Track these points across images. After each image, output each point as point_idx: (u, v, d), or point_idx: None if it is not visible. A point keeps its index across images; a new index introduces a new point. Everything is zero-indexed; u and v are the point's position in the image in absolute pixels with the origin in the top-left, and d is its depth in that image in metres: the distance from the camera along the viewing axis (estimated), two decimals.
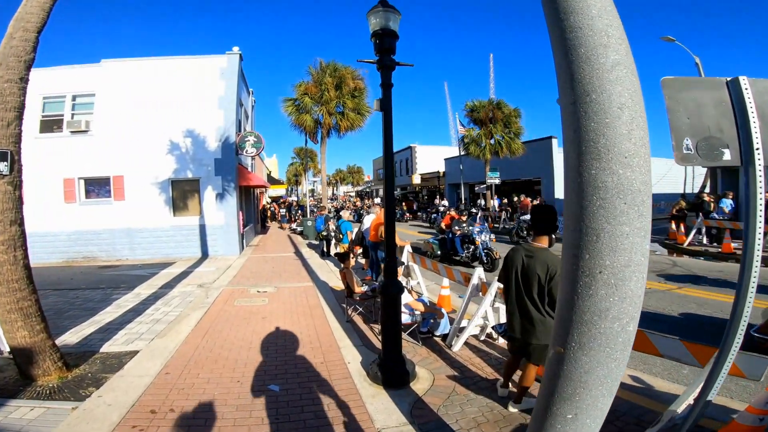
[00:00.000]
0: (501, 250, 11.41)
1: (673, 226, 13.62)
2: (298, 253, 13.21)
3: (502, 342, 4.80)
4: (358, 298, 5.89)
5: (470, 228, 10.32)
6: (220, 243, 12.71)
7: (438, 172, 34.98)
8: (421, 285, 7.42)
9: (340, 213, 10.21)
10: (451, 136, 64.99)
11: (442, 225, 12.98)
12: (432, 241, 11.39)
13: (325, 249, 12.27)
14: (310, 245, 15.15)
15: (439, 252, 10.87)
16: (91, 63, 13.18)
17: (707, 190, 16.89)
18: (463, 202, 26.96)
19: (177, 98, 12.93)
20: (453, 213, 11.58)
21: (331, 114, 16.74)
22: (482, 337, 5.01)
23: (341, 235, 9.46)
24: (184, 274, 9.84)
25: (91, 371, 4.29)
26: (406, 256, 7.28)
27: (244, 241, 14.30)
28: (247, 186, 15.74)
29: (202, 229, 12.61)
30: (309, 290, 7.97)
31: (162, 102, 12.86)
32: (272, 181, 31.34)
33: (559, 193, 22.13)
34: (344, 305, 6.40)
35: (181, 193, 12.91)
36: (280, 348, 4.92)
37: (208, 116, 13.00)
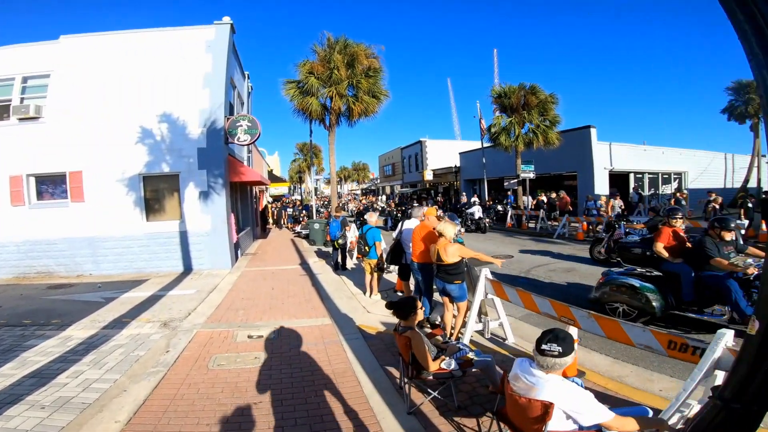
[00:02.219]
0: (558, 265, 8.55)
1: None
2: (305, 265, 10.52)
3: None
4: (431, 378, 3.21)
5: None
6: (205, 254, 10.04)
7: (452, 167, 32.21)
8: (505, 327, 4.75)
9: (365, 216, 7.42)
10: (455, 132, 62.48)
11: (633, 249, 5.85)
12: (640, 285, 5.02)
13: (339, 261, 9.58)
14: (319, 253, 12.46)
15: (657, 304, 4.89)
16: (48, 40, 10.62)
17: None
18: (480, 198, 24.21)
19: (151, 77, 10.29)
20: (676, 225, 5.35)
21: (342, 96, 14.01)
22: None
23: (367, 247, 6.75)
24: (150, 301, 7.17)
25: None
26: (483, 285, 4.58)
27: (239, 250, 11.63)
28: (241, 182, 13.07)
29: (183, 236, 9.93)
30: (327, 333, 5.28)
31: (132, 82, 10.22)
32: (274, 178, 28.65)
33: (600, 188, 19.36)
34: (401, 380, 3.73)
35: (156, 192, 10.23)
36: None
37: (190, 97, 10.33)
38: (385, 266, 6.89)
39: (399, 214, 18.10)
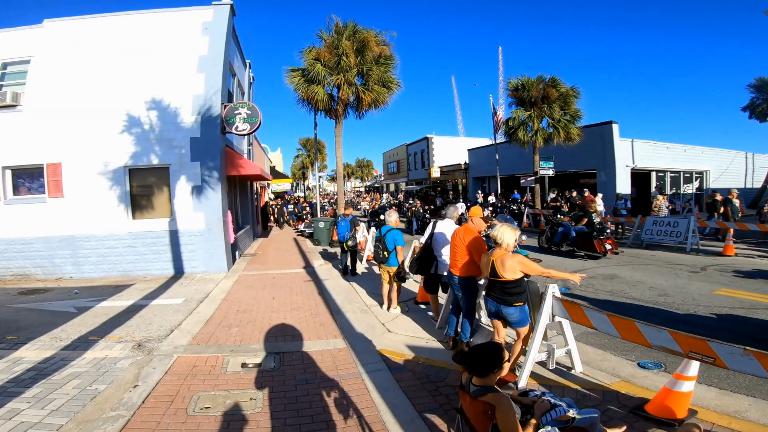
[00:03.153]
0: (596, 271, 7.37)
1: None
2: (309, 268, 9.44)
3: None
4: None
5: None
6: (199, 255, 8.96)
7: (460, 164, 31.07)
8: (573, 355, 3.68)
9: (383, 216, 6.27)
10: (459, 130, 61.27)
11: None
12: None
13: (348, 265, 8.50)
14: (324, 255, 11.38)
15: None
16: (31, 25, 9.62)
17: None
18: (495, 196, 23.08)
19: (140, 61, 9.25)
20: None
21: (351, 85, 12.89)
22: None
23: (386, 253, 5.64)
24: (128, 313, 6.09)
25: None
26: (550, 305, 3.48)
27: (237, 251, 10.55)
28: (240, 177, 12.00)
29: (174, 236, 8.86)
30: (341, 361, 4.19)
31: (119, 66, 9.18)
32: (276, 174, 27.55)
33: (621, 187, 18.22)
34: None
35: (143, 187, 9.16)
36: None
37: (183, 82, 9.28)
38: (406, 275, 5.79)
39: (427, 215, 15.67)
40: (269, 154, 35.10)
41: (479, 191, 25.06)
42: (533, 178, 17.53)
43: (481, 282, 4.11)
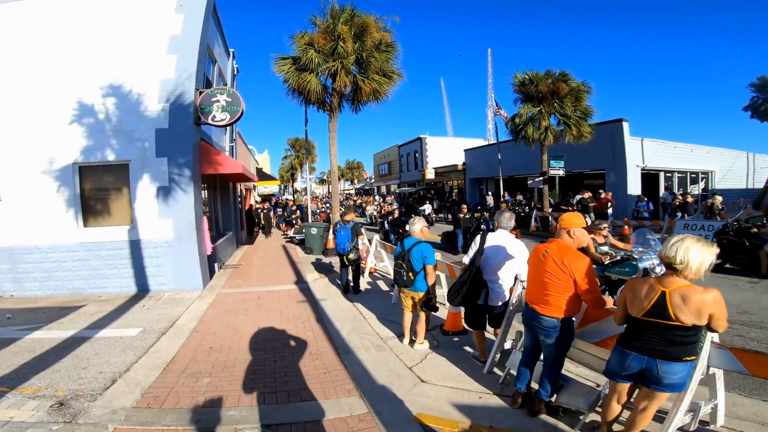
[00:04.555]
0: None
1: None
2: (302, 284, 7.95)
3: None
4: None
5: None
6: (167, 270, 7.38)
7: (456, 165, 29.90)
8: (720, 408, 2.38)
9: (409, 226, 4.56)
10: (448, 131, 60.41)
11: None
12: None
13: (350, 281, 7.04)
14: (318, 266, 9.89)
15: None
16: None
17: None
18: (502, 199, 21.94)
19: (97, 39, 7.69)
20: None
21: (349, 73, 11.46)
22: None
23: (411, 274, 4.19)
24: (60, 350, 4.52)
25: None
26: (707, 353, 2.13)
27: (215, 262, 8.97)
28: (221, 177, 10.46)
29: (135, 247, 7.26)
30: None
31: (71, 45, 7.60)
32: (263, 176, 25.80)
33: (632, 188, 17.23)
34: None
35: (98, 189, 7.53)
36: None
37: (149, 65, 7.77)
38: (437, 302, 4.35)
39: (472, 224, 10.90)
40: (256, 156, 33.36)
41: (489, 193, 23.83)
42: (541, 178, 16.36)
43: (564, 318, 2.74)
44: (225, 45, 12.79)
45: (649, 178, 18.61)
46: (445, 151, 33.86)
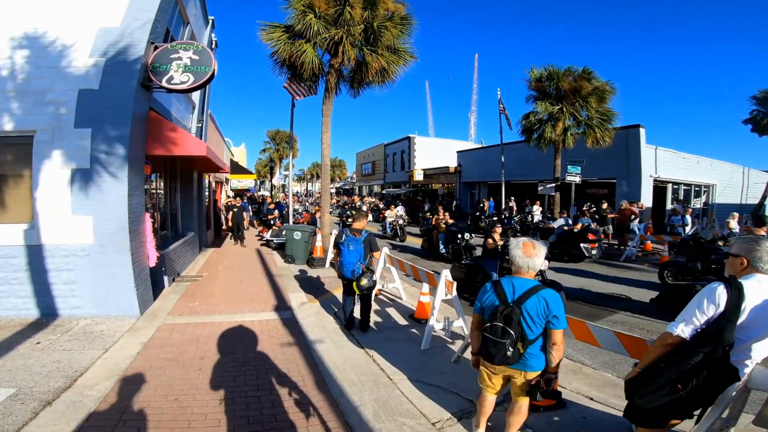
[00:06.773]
0: None
1: None
2: (285, 311, 5.80)
3: None
4: None
5: None
6: (84, 288, 5.05)
7: (448, 167, 28.22)
8: None
9: (509, 248, 2.17)
10: (429, 133, 59.12)
11: None
12: None
13: (356, 315, 4.96)
14: (303, 281, 7.74)
15: None
16: None
17: None
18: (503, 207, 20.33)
19: None
20: None
21: (354, 45, 9.35)
22: None
23: (520, 345, 2.08)
24: None
25: None
26: None
27: (164, 275, 6.65)
28: (175, 159, 8.15)
29: (35, 254, 4.91)
30: None
31: None
32: (237, 168, 23.17)
33: (645, 200, 15.90)
34: None
35: None
36: None
37: (83, 6, 5.49)
38: (552, 389, 2.38)
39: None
40: (232, 149, 30.51)
41: (485, 199, 22.15)
42: (553, 185, 14.75)
43: None
44: (204, 9, 10.43)
45: (657, 190, 17.44)
46: (434, 152, 32.26)
